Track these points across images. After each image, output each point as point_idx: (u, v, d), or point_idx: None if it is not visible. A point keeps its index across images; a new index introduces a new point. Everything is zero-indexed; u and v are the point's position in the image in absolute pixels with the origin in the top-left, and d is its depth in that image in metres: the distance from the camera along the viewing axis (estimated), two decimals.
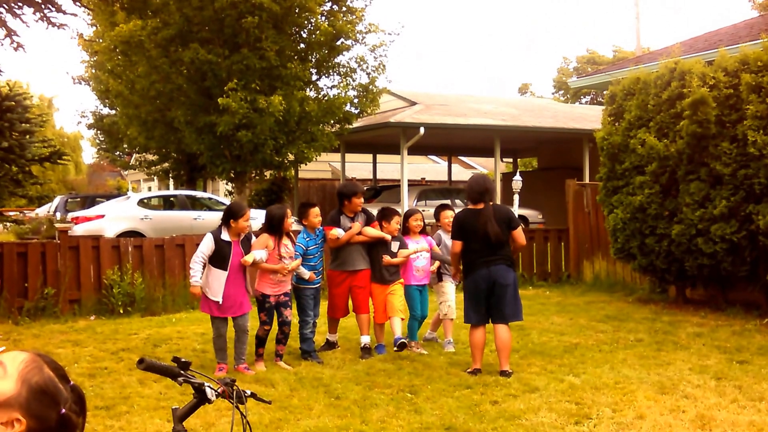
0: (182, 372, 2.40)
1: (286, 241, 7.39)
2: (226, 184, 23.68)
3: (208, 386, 2.41)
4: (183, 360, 2.43)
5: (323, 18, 14.66)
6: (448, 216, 8.26)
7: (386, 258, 7.84)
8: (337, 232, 7.72)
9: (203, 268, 7.15)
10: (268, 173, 20.24)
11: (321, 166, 29.01)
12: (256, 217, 17.88)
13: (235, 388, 2.49)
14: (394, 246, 8.01)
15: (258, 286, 7.39)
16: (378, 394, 6.26)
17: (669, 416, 5.48)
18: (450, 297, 8.30)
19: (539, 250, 14.12)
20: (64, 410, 1.60)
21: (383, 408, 5.85)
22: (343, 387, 6.49)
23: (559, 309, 10.88)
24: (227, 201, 20.26)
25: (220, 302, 7.09)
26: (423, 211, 20.56)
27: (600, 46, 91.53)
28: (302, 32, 15.12)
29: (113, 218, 16.94)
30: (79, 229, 15.30)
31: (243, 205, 7.52)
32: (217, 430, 5.40)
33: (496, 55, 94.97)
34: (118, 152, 30.51)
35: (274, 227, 7.33)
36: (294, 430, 5.39)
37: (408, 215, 8.40)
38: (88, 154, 51.72)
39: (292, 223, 7.54)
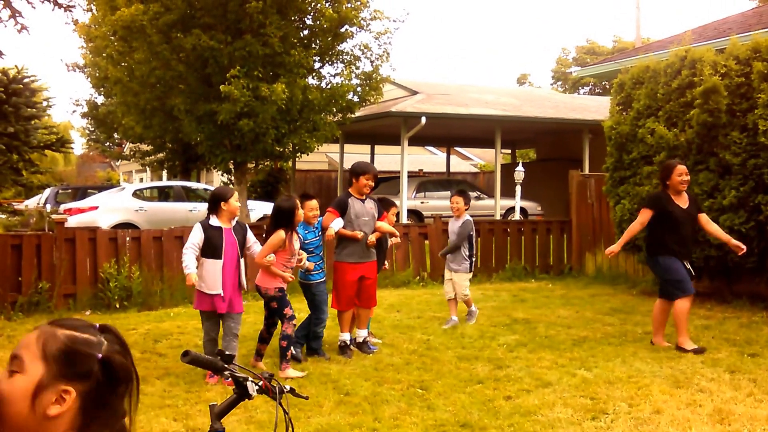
0: (226, 366, 2.27)
1: (295, 237, 7.02)
2: (222, 175, 23.43)
3: (251, 381, 2.28)
4: (227, 353, 2.30)
5: (328, 4, 14.45)
6: (453, 202, 9.01)
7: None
8: (331, 230, 7.35)
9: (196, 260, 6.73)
10: (263, 164, 20.03)
11: (318, 157, 28.83)
12: (254, 208, 17.71)
13: (274, 383, 2.35)
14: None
15: (265, 283, 6.94)
16: (388, 390, 6.13)
17: (686, 410, 5.38)
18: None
19: (541, 243, 14.01)
20: (100, 354, 1.56)
21: (395, 404, 5.72)
22: (351, 383, 6.36)
23: (563, 302, 10.79)
24: None
25: (222, 294, 6.62)
26: (422, 202, 20.80)
27: (599, 36, 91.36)
28: (306, 18, 14.89)
29: (107, 210, 16.73)
30: (72, 221, 15.08)
31: (228, 187, 7.30)
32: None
33: (495, 45, 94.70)
34: (108, 143, 30.17)
35: (286, 221, 6.89)
36: (305, 427, 5.24)
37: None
38: (78, 145, 51.18)
39: (302, 215, 7.18)
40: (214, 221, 6.77)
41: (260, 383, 2.30)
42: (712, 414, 5.26)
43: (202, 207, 18.24)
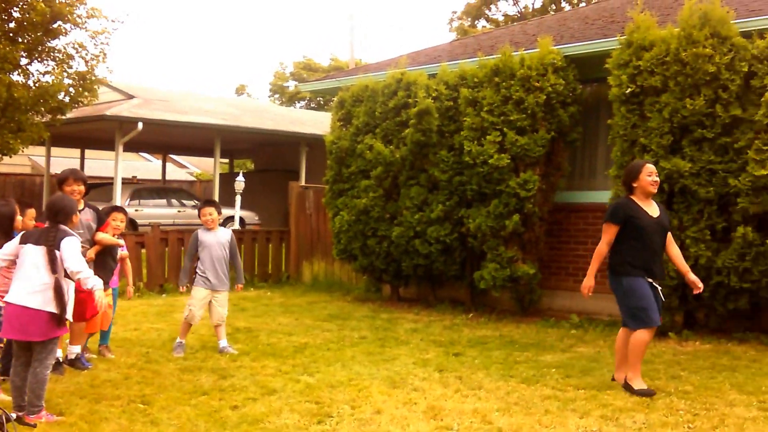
0: None
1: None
2: None
3: None
4: None
5: None
6: (206, 213, 8.15)
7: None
8: None
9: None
10: None
11: (20, 160, 26.61)
12: None
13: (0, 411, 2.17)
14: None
15: None
16: (107, 406, 5.84)
17: (403, 409, 5.73)
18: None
19: (261, 252, 14.24)
20: None
21: (115, 421, 5.47)
22: (65, 401, 5.97)
23: (283, 310, 11.04)
24: None
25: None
26: (137, 210, 20.07)
27: (316, 53, 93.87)
28: (13, 10, 13.71)
29: None
30: None
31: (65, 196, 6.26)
32: None
33: (212, 55, 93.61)
34: None
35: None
36: None
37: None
38: None
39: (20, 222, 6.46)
40: None
41: None
42: (426, 411, 5.67)
43: None
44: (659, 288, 6.33)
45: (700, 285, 6.43)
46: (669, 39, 8.62)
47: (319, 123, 23.42)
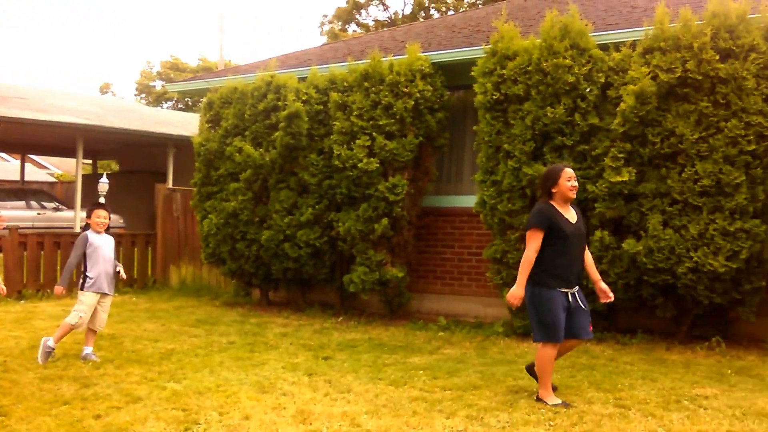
0: None
1: None
2: None
3: None
4: None
5: None
6: (100, 215, 7.93)
7: None
8: None
9: None
10: None
11: None
12: None
13: None
14: None
15: None
16: None
17: (272, 414, 5.71)
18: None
19: (126, 256, 13.80)
20: None
21: None
22: None
23: (149, 315, 10.75)
24: None
25: None
26: None
27: (183, 53, 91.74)
28: None
29: None
30: None
31: None
32: None
33: (75, 53, 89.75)
34: None
35: None
36: None
37: None
38: None
39: None
40: None
41: None
42: (295, 415, 5.67)
43: None
44: (578, 295, 6.05)
45: (611, 294, 6.19)
46: (531, 49, 8.98)
47: (187, 124, 22.91)
